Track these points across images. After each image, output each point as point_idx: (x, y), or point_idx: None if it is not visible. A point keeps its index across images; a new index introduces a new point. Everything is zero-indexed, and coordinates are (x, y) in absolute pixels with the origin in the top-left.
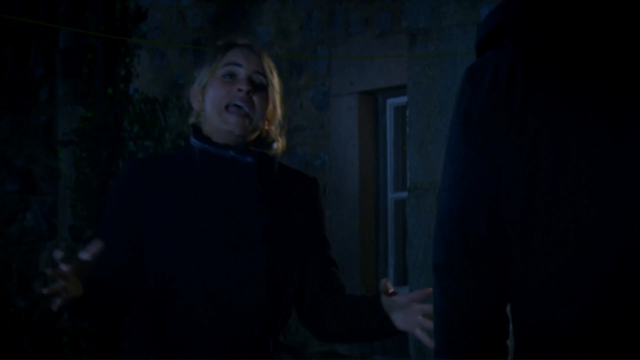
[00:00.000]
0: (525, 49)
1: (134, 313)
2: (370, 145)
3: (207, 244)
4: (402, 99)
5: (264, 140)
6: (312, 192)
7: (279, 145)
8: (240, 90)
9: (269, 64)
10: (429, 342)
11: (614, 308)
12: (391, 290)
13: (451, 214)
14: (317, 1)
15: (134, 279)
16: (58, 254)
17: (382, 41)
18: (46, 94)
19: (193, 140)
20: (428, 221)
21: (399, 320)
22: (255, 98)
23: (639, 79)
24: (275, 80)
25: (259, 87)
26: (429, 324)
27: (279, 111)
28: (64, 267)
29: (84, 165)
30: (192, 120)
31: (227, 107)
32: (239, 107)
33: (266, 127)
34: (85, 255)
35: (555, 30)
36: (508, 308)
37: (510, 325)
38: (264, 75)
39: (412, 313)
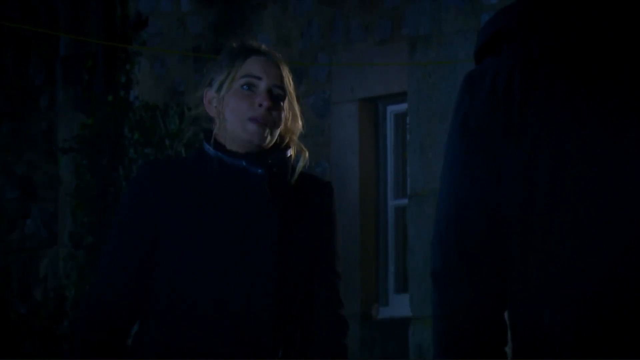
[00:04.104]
0: (523, 52)
1: (143, 319)
2: (370, 152)
3: (218, 254)
4: (403, 106)
5: (279, 147)
6: (325, 200)
7: (301, 153)
8: (260, 105)
9: (287, 73)
10: None
11: (613, 309)
12: None
13: (449, 220)
14: (317, 8)
15: (146, 282)
16: None
17: (382, 48)
18: (46, 101)
19: (207, 147)
20: (428, 228)
21: None
22: (274, 113)
23: (638, 79)
24: (292, 89)
25: (278, 101)
26: None
27: (299, 121)
28: None
29: (84, 172)
30: (214, 129)
31: (249, 119)
32: (260, 121)
33: (284, 134)
34: None
35: (554, 32)
36: (506, 315)
37: (509, 332)
38: (283, 87)
39: None
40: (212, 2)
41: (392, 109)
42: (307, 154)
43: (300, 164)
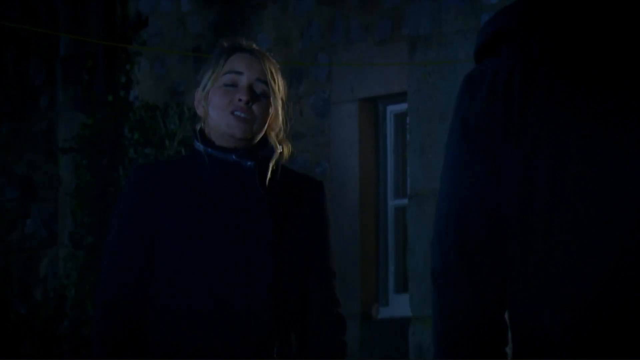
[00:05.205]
0: (523, 52)
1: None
2: (370, 152)
3: (213, 251)
4: (403, 106)
5: (266, 145)
6: (317, 198)
7: (283, 150)
8: (240, 100)
9: (271, 69)
10: None
11: (613, 309)
12: None
13: (449, 220)
14: (317, 8)
15: (148, 284)
16: None
17: (382, 48)
18: (46, 101)
19: (197, 144)
20: (428, 228)
21: None
22: (255, 107)
23: (638, 80)
24: (277, 86)
25: (260, 96)
26: None
27: (280, 118)
28: None
29: (84, 172)
30: (199, 126)
31: (230, 112)
32: (240, 115)
33: (267, 133)
34: None
35: (554, 33)
36: (507, 315)
37: (509, 332)
38: (266, 82)
39: None
40: (212, 2)
41: (392, 109)
42: (288, 148)
43: (273, 160)
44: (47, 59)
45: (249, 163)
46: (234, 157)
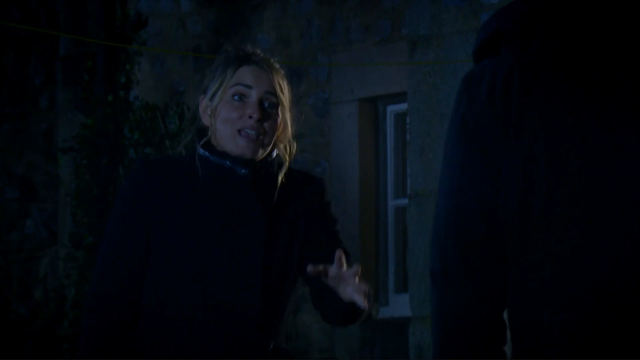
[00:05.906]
0: (522, 55)
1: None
2: (370, 152)
3: (205, 252)
4: (403, 106)
5: (271, 156)
6: (318, 195)
7: (284, 156)
8: (250, 117)
9: (279, 81)
10: (363, 304)
11: (612, 310)
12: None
13: (447, 220)
14: (317, 9)
15: (142, 281)
16: None
17: (382, 48)
18: (46, 102)
19: (198, 147)
20: (428, 228)
21: (345, 291)
22: (266, 124)
23: (636, 84)
24: (285, 97)
25: (270, 110)
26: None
27: (289, 130)
28: None
29: (84, 172)
30: (201, 126)
31: (239, 131)
32: (250, 133)
33: (274, 142)
34: None
35: (553, 37)
36: (505, 314)
37: (508, 332)
38: (275, 94)
39: (351, 282)
40: (212, 2)
41: (392, 109)
42: (287, 164)
43: (282, 172)
44: (47, 59)
45: (243, 170)
46: (228, 162)
